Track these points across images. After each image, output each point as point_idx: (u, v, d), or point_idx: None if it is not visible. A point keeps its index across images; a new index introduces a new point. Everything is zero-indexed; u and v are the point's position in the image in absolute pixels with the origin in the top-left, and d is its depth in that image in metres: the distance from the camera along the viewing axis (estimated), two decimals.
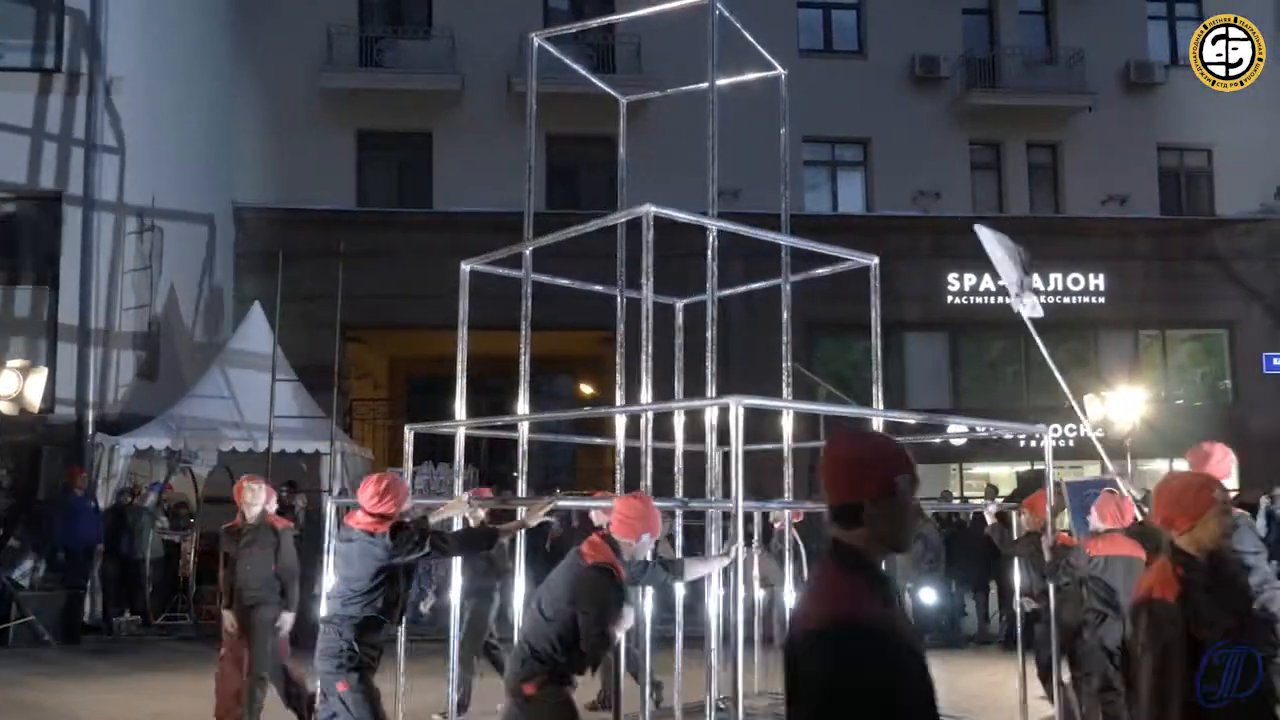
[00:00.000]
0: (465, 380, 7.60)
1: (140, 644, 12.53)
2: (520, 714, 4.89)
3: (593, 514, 7.52)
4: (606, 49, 20.27)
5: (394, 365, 24.27)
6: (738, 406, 5.15)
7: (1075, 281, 21.06)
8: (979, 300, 20.90)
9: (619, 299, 8.61)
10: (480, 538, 6.06)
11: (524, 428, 7.57)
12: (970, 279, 20.74)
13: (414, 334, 21.11)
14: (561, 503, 6.65)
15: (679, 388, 8.69)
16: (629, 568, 5.10)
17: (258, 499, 7.72)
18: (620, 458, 7.18)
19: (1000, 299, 20.37)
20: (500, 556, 8.27)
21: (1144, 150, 21.85)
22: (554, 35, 8.96)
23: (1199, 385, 22.29)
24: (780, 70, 8.46)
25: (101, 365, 15.02)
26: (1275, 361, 21.33)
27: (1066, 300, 20.95)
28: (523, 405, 7.45)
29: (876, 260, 8.05)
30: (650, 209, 6.15)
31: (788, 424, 7.87)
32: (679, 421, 7.25)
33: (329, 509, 7.56)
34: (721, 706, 7.09)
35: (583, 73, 8.81)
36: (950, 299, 20.96)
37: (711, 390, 6.35)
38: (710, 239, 6.72)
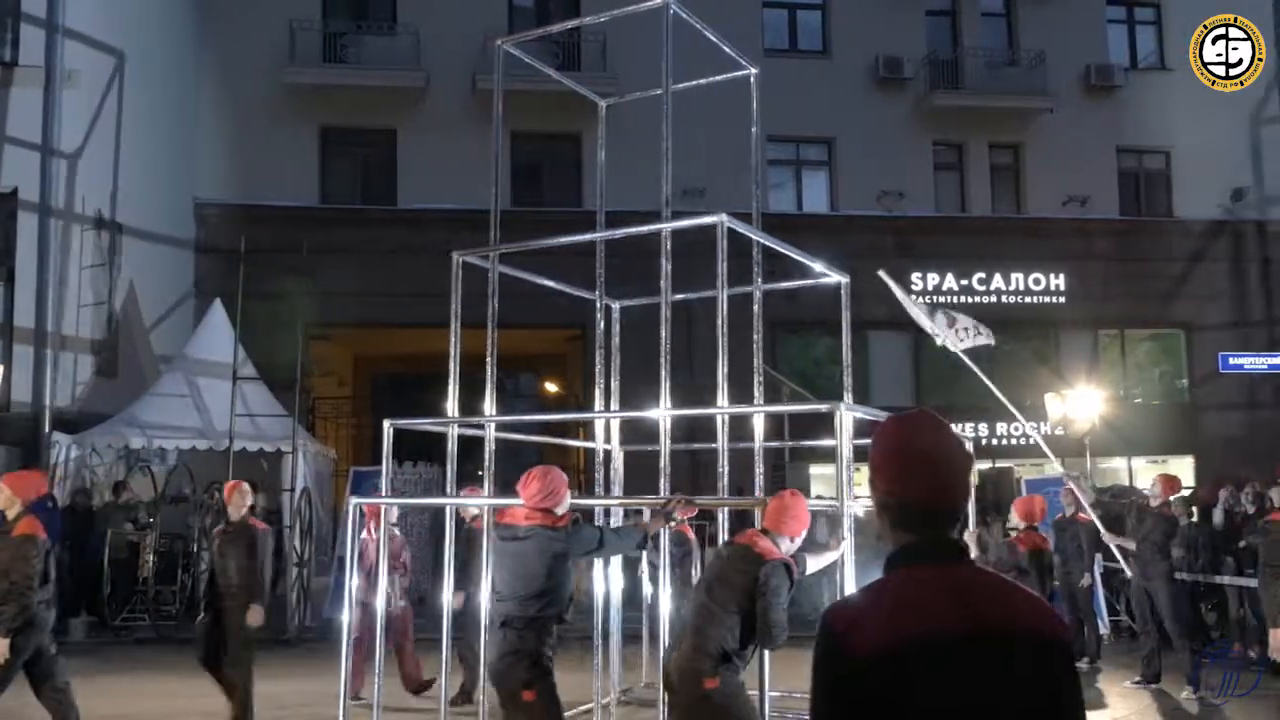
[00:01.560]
0: (458, 377, 7.48)
1: (97, 646, 12.36)
2: (698, 709, 4.93)
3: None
4: (572, 47, 20.26)
5: (359, 363, 24.11)
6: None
7: (1036, 281, 21.30)
8: (942, 299, 21.06)
9: (599, 302, 8.61)
10: (633, 537, 5.92)
11: (490, 427, 7.54)
12: (934, 278, 20.93)
13: (379, 332, 20.99)
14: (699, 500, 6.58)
15: (615, 388, 8.64)
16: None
17: (246, 500, 7.93)
18: (611, 459, 7.21)
19: (964, 299, 20.60)
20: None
21: (1104, 152, 22.14)
22: (520, 39, 8.93)
23: (1157, 384, 22.62)
24: (751, 69, 8.48)
25: (59, 363, 14.80)
26: (1231, 361, 21.69)
27: (1028, 300, 21.19)
28: (489, 405, 7.47)
29: (848, 279, 8.14)
30: (724, 219, 6.30)
31: (759, 424, 7.94)
32: (615, 426, 7.36)
33: (349, 508, 7.49)
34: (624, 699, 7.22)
35: (555, 76, 8.77)
36: (913, 298, 21.08)
37: (665, 400, 6.42)
38: (664, 242, 6.75)
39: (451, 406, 7.32)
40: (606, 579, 8.07)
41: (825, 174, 21.92)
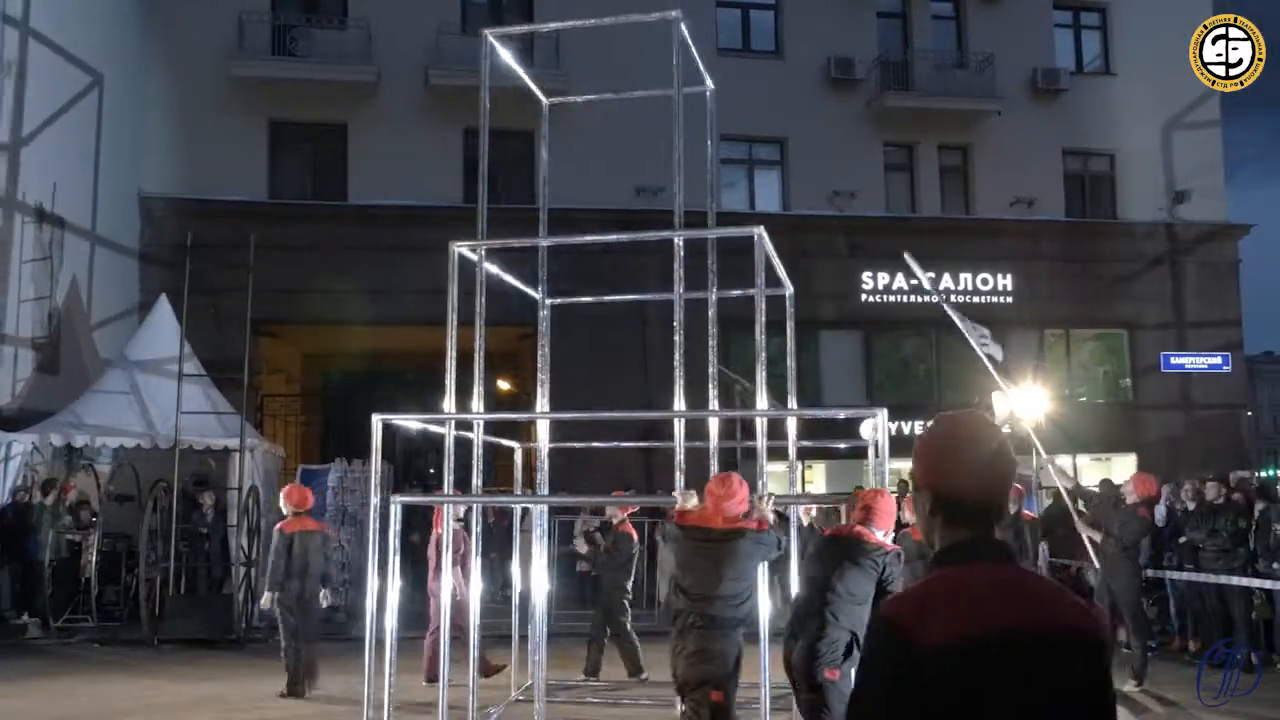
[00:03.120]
0: (454, 372, 7.28)
1: (40, 646, 12.12)
2: (824, 699, 5.06)
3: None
4: (526, 42, 20.15)
5: (307, 361, 23.83)
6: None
7: (984, 281, 21.58)
8: (892, 299, 21.29)
9: (540, 300, 8.58)
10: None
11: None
12: (884, 278, 21.12)
13: (328, 329, 20.75)
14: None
15: (543, 392, 8.54)
16: None
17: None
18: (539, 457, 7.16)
19: (913, 298, 20.82)
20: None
21: (1050, 154, 22.48)
22: (508, 33, 8.86)
23: (1101, 383, 23.02)
24: (709, 86, 8.52)
25: None
26: (1173, 360, 22.14)
27: (976, 299, 21.45)
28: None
29: (791, 290, 8.26)
30: (761, 231, 6.48)
31: (714, 424, 8.01)
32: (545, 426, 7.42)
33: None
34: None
35: (522, 73, 8.68)
36: (864, 297, 21.31)
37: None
38: (676, 251, 6.76)
39: (449, 402, 7.13)
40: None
41: (778, 173, 22.03)
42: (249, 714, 8.75)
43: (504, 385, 24.45)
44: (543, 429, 8.54)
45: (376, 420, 6.83)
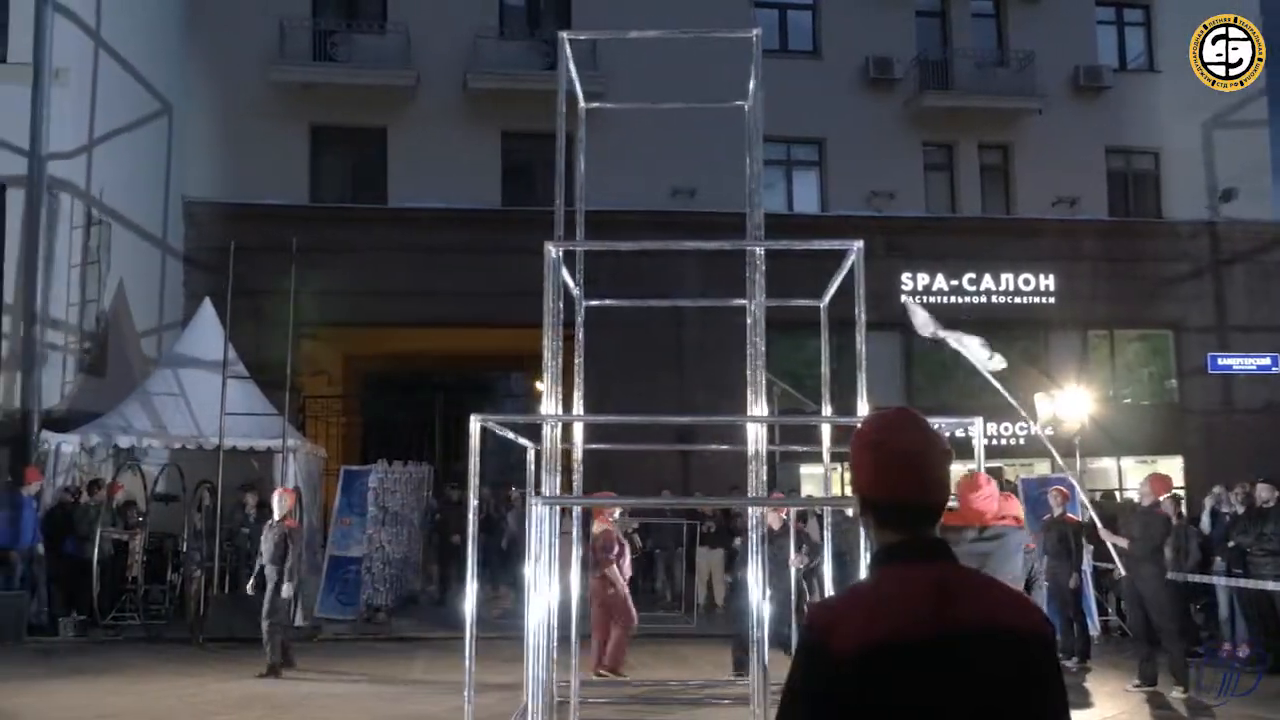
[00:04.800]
0: (554, 374, 7.23)
1: (86, 645, 12.32)
2: None
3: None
4: (563, 46, 20.19)
5: (349, 362, 24.06)
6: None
7: (1026, 281, 21.35)
8: (932, 300, 21.10)
9: (578, 304, 8.59)
10: None
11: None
12: (923, 278, 20.96)
13: (369, 331, 20.94)
14: None
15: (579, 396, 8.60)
16: None
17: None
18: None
19: (954, 299, 20.66)
20: None
21: (1093, 153, 22.20)
22: (578, 36, 8.85)
23: (1146, 384, 22.69)
24: (748, 102, 8.48)
25: (47, 361, 14.73)
26: (1220, 361, 21.78)
27: (1018, 300, 21.25)
28: (545, 404, 7.42)
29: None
30: (858, 245, 6.48)
31: (756, 431, 7.98)
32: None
33: (534, 508, 7.44)
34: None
35: (573, 75, 8.68)
36: (903, 298, 21.14)
37: (761, 405, 6.57)
38: (759, 262, 6.68)
39: (551, 403, 7.04)
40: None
41: (816, 174, 21.95)
42: (292, 713, 8.84)
43: (541, 386, 24.54)
44: (578, 431, 8.55)
45: (475, 422, 6.81)
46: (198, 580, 13.06)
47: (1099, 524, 10.41)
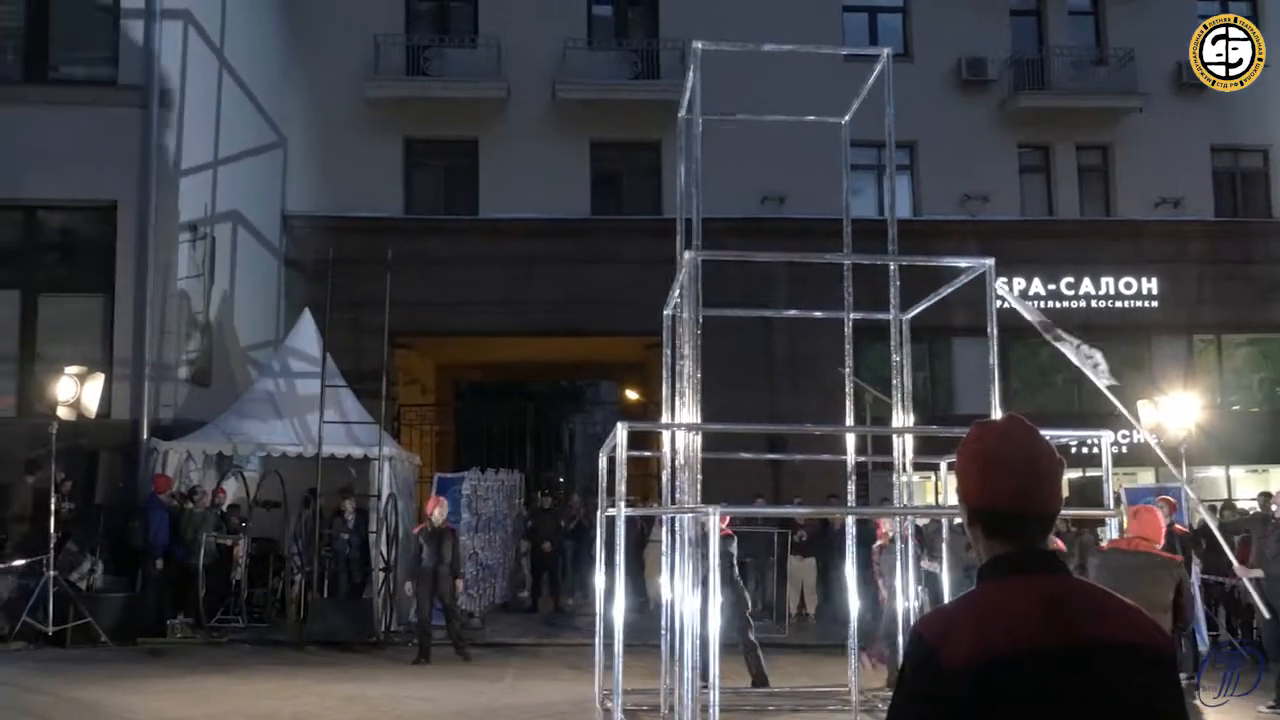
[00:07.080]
0: (672, 383, 7.37)
1: (193, 646, 12.72)
2: None
3: None
4: (651, 55, 20.29)
5: (441, 371, 24.47)
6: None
7: (1128, 285, 20.74)
8: (1028, 304, 20.62)
9: (670, 315, 8.60)
10: None
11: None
12: (1019, 283, 20.49)
13: (461, 341, 21.27)
14: None
15: (683, 401, 8.52)
16: None
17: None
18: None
19: (1051, 304, 20.15)
20: None
21: (1197, 151, 21.47)
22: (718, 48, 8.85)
23: (1256, 391, 21.84)
24: (844, 119, 8.42)
25: (156, 371, 15.28)
26: None
27: (1119, 304, 20.65)
28: (667, 414, 7.49)
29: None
30: (989, 263, 6.58)
31: (850, 440, 7.92)
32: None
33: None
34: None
35: (688, 88, 8.73)
36: (999, 303, 20.69)
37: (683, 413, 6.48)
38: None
39: (689, 412, 7.08)
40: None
41: (907, 178, 21.62)
42: (388, 714, 9.01)
43: (631, 395, 24.62)
44: (680, 439, 8.54)
45: (621, 429, 7.03)
46: (299, 584, 13.40)
47: (1233, 559, 9.88)
